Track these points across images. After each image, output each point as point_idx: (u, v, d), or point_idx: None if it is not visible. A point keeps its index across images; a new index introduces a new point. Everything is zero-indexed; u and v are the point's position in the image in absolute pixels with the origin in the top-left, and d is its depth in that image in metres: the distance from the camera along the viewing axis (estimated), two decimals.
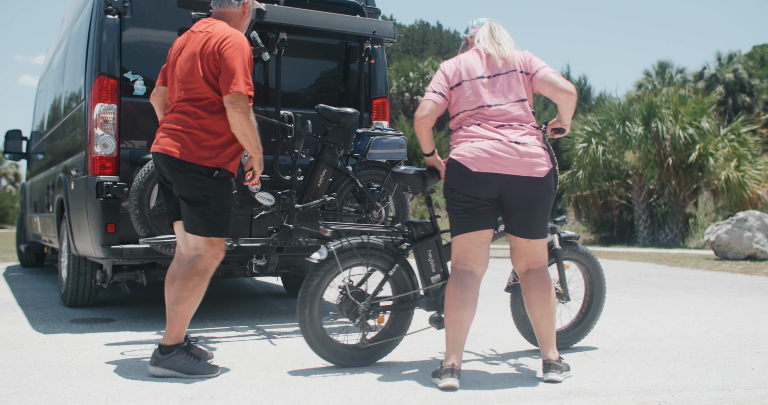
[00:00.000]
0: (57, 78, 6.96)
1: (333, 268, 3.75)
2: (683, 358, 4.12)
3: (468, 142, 3.59)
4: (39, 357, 4.05)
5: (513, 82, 3.66)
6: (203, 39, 3.65)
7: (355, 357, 3.85)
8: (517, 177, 3.52)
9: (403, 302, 3.95)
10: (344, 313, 3.82)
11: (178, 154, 3.58)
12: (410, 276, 3.97)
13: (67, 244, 5.79)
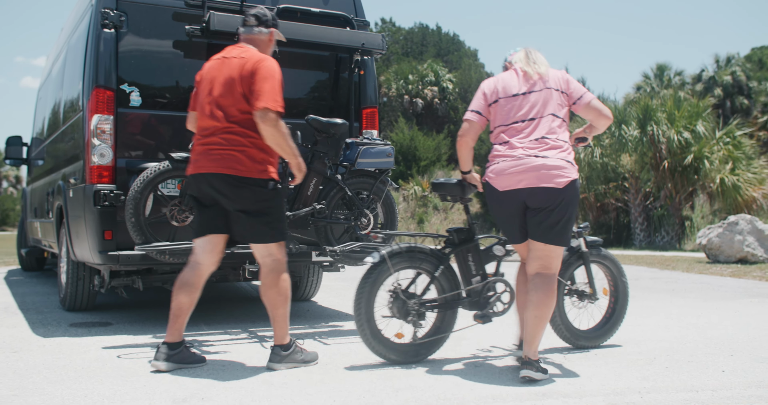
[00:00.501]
0: (56, 87, 7.13)
1: (385, 271, 4.08)
2: (658, 361, 4.28)
3: (495, 162, 3.94)
4: (39, 360, 4.21)
5: (548, 99, 3.94)
6: (240, 64, 3.95)
7: (407, 353, 4.15)
8: (537, 188, 3.80)
9: (447, 302, 4.26)
10: (395, 312, 4.14)
11: (237, 172, 3.88)
12: (453, 277, 4.29)
13: (66, 249, 5.95)
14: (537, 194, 3.82)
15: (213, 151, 3.93)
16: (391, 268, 4.08)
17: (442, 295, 4.25)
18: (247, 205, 3.93)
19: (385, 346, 4.07)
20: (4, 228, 55.90)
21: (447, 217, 30.74)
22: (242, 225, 3.98)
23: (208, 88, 4.02)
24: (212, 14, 5.05)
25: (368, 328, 4.02)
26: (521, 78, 4.00)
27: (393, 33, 51.81)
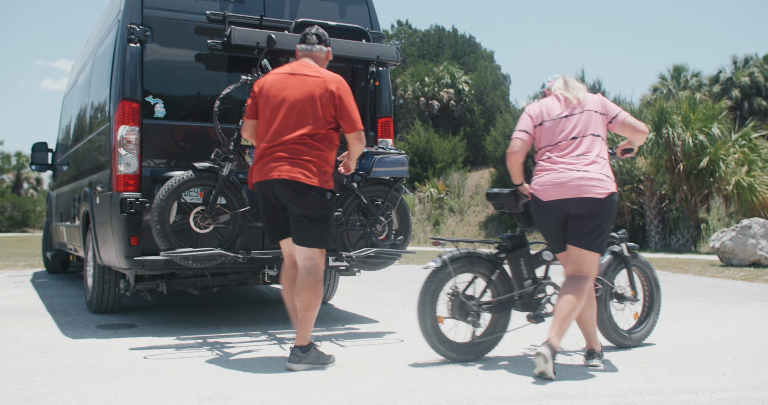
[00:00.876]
0: (82, 97, 7.38)
1: (447, 275, 4.37)
2: (662, 364, 4.44)
3: (539, 176, 4.33)
4: (70, 360, 4.44)
5: (588, 120, 4.34)
6: (320, 84, 4.34)
7: (466, 351, 4.46)
8: (579, 199, 4.19)
9: (502, 303, 4.56)
10: (455, 313, 4.44)
11: (305, 180, 4.23)
12: (507, 281, 4.61)
13: (92, 254, 6.19)
14: (579, 204, 4.20)
15: (283, 159, 4.25)
16: (453, 272, 4.39)
17: (496, 298, 4.55)
18: (309, 211, 4.28)
19: (446, 344, 4.37)
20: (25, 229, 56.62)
21: (462, 219, 30.87)
22: (300, 228, 4.33)
23: (279, 102, 4.32)
24: (233, 29, 5.26)
25: (431, 327, 4.32)
26: (562, 102, 4.42)
27: (409, 35, 51.98)
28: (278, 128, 4.29)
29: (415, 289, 8.43)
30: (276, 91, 4.36)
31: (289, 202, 4.29)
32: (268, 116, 4.34)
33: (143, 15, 5.40)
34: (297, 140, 4.26)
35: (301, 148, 4.26)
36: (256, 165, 4.36)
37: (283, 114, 4.30)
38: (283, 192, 4.27)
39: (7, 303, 7.16)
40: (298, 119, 4.28)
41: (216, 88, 5.54)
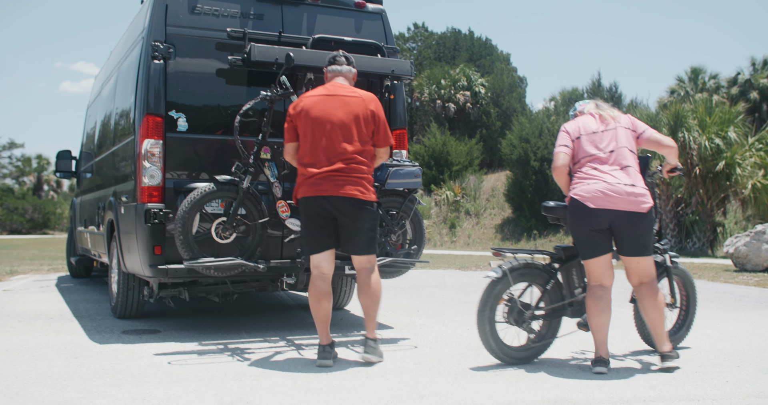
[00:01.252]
0: (107, 109, 7.62)
1: (506, 284, 4.69)
2: (667, 371, 4.58)
3: (586, 183, 4.59)
4: (98, 365, 4.66)
5: (622, 136, 4.71)
6: (361, 104, 4.77)
7: (520, 355, 4.79)
8: (625, 212, 4.50)
9: (554, 311, 4.87)
10: (512, 320, 4.74)
11: (361, 196, 4.68)
12: (560, 290, 4.91)
13: (117, 261, 6.42)
14: (626, 217, 4.53)
15: (339, 177, 4.65)
16: (512, 281, 4.70)
17: (550, 306, 4.85)
18: (365, 224, 4.73)
19: (503, 349, 4.71)
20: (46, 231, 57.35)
21: (479, 222, 30.97)
22: (359, 239, 4.77)
23: (325, 123, 4.68)
24: (253, 46, 5.47)
25: (490, 333, 4.65)
26: (597, 119, 4.80)
27: (425, 38, 52.13)
28: (328, 147, 4.67)
29: (430, 294, 8.65)
30: (318, 112, 4.70)
31: (345, 216, 4.70)
32: (314, 136, 4.69)
33: (167, 33, 5.62)
34: (348, 158, 4.66)
35: (353, 166, 4.68)
36: (308, 181, 4.67)
37: (331, 134, 4.67)
38: (340, 207, 4.68)
39: (35, 308, 7.40)
40: (345, 138, 4.68)
41: (236, 102, 5.76)
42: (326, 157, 4.67)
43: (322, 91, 4.82)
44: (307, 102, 4.78)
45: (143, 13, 6.15)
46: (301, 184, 4.74)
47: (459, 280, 11.02)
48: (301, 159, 4.76)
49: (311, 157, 4.69)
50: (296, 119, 4.78)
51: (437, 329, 6.21)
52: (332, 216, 4.73)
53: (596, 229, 4.58)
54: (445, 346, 5.40)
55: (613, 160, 4.62)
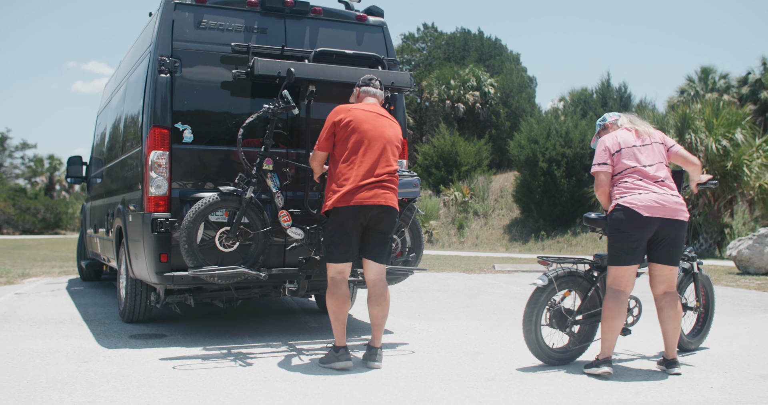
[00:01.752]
0: (116, 118, 7.83)
1: (551, 291, 5.02)
2: (655, 376, 4.74)
3: (636, 193, 4.86)
4: (106, 370, 4.84)
5: (657, 150, 5.02)
6: (393, 127, 5.21)
7: (562, 357, 5.13)
8: (672, 220, 4.84)
9: (594, 316, 5.19)
10: (555, 324, 5.08)
11: (395, 205, 5.07)
12: (599, 296, 5.20)
13: (125, 267, 6.61)
14: (671, 224, 4.85)
15: (386, 188, 5.01)
16: (557, 288, 5.03)
17: (588, 311, 5.17)
18: (392, 231, 5.13)
19: (546, 351, 5.05)
20: (57, 231, 57.86)
21: (487, 223, 31.08)
22: (384, 248, 5.11)
23: (377, 139, 5.03)
24: (256, 60, 5.64)
25: (535, 336, 4.99)
26: (634, 134, 5.07)
27: (435, 38, 52.24)
28: (377, 161, 5.00)
29: (432, 298, 8.82)
30: (371, 126, 5.04)
31: (382, 225, 5.03)
32: (368, 148, 4.99)
33: (173, 47, 5.80)
34: (391, 173, 5.07)
35: (393, 179, 5.09)
36: (353, 190, 4.90)
37: (382, 150, 5.03)
38: (380, 216, 5.00)
39: (46, 312, 7.61)
40: (391, 155, 5.09)
41: (240, 113, 5.94)
42: (374, 169, 4.97)
43: (368, 108, 5.15)
44: (358, 115, 5.05)
45: (151, 26, 6.34)
46: (344, 193, 4.91)
47: (462, 283, 11.17)
48: (345, 168, 4.97)
49: (360, 169, 4.95)
50: (341, 130, 5.03)
51: (435, 334, 6.37)
52: (364, 226, 5.01)
53: (644, 236, 4.86)
54: (441, 351, 5.56)
55: (654, 172, 4.91)
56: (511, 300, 8.99)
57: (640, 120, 5.20)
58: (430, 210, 31.84)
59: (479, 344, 5.87)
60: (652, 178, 4.88)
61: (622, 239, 4.86)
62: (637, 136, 5.04)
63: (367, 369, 4.95)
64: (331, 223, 5.04)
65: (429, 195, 35.18)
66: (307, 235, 5.56)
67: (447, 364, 5.11)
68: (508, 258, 19.24)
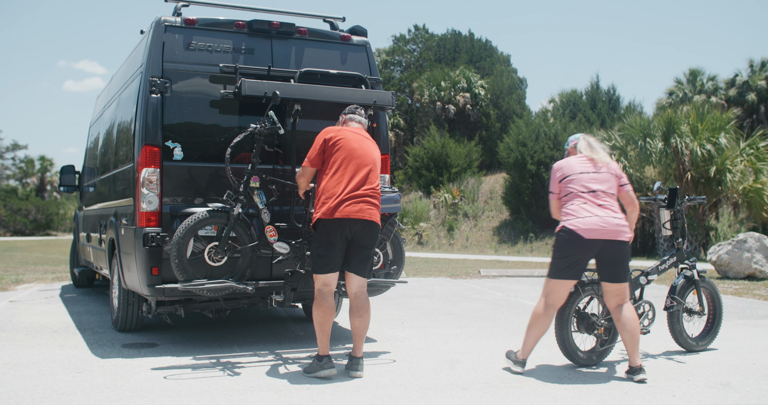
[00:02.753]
0: (108, 132, 8.05)
1: (578, 297, 5.58)
2: (622, 386, 5.00)
3: (579, 217, 5.28)
4: (100, 380, 5.07)
5: (608, 178, 5.44)
6: (375, 148, 5.55)
7: (591, 357, 5.65)
8: (613, 241, 5.25)
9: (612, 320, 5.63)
10: (582, 328, 5.64)
11: (377, 220, 5.36)
12: None
13: (117, 278, 6.84)
14: (612, 245, 5.26)
15: (363, 202, 5.28)
16: (582, 295, 5.58)
17: (608, 315, 5.66)
18: (374, 244, 5.40)
19: (576, 353, 5.57)
20: (49, 232, 57.85)
21: (477, 225, 31.35)
22: (367, 262, 5.38)
23: (364, 158, 5.36)
24: (243, 81, 5.88)
25: (567, 339, 5.53)
26: (588, 161, 5.48)
27: (426, 40, 52.48)
28: (363, 178, 5.32)
29: (417, 305, 9.07)
30: (358, 146, 5.38)
31: (365, 239, 5.31)
32: (356, 166, 5.32)
33: (163, 68, 6.03)
34: (374, 189, 5.38)
35: (377, 195, 5.41)
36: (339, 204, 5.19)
37: (368, 169, 5.36)
38: (364, 230, 5.28)
39: (41, 320, 7.83)
40: (374, 174, 5.41)
41: (228, 131, 6.17)
42: (359, 186, 5.28)
43: (355, 131, 5.50)
44: (347, 135, 5.39)
45: (143, 45, 6.55)
46: (332, 206, 5.20)
47: (448, 289, 11.43)
48: (332, 183, 5.26)
49: (347, 184, 5.25)
50: (330, 148, 5.34)
51: (417, 343, 6.62)
52: (348, 239, 5.27)
53: (584, 257, 5.30)
54: (421, 360, 5.81)
55: (598, 198, 5.34)
56: (494, 306, 9.25)
57: (598, 144, 5.58)
58: (420, 212, 32.11)
59: (458, 353, 6.12)
60: (597, 203, 5.31)
61: (563, 257, 5.32)
62: (591, 163, 5.46)
63: (350, 378, 5.19)
64: (317, 235, 5.31)
65: (419, 197, 35.46)
66: (292, 249, 5.80)
67: (426, 373, 5.36)
68: (495, 261, 19.51)
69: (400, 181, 40.65)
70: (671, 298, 6.12)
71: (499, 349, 6.22)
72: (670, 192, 6.38)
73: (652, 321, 6.02)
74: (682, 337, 6.17)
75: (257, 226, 5.99)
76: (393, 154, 47.10)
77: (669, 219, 6.44)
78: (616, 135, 21.25)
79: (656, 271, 6.13)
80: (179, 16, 6.21)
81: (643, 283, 6.03)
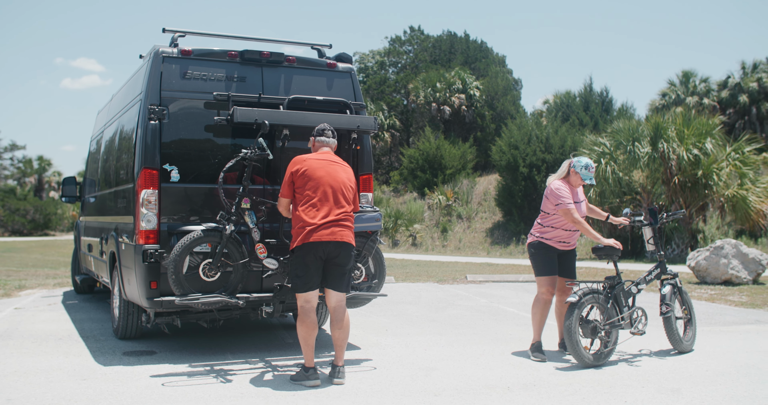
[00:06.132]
0: (108, 150, 8.53)
1: (582, 305, 6.38)
2: (580, 393, 5.45)
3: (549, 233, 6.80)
4: (103, 387, 5.54)
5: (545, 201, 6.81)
6: (349, 171, 5.98)
7: (597, 359, 6.37)
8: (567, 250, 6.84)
9: (614, 325, 6.52)
10: (587, 334, 6.39)
11: (351, 242, 5.81)
12: (615, 308, 6.60)
13: (118, 289, 7.31)
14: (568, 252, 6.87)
15: (337, 225, 5.72)
16: (585, 303, 6.40)
17: (610, 320, 6.51)
18: (349, 264, 5.83)
19: (586, 356, 6.32)
20: (47, 232, 58.23)
21: (470, 226, 31.82)
22: (343, 278, 5.82)
23: (332, 183, 5.78)
24: (235, 109, 6.34)
25: (576, 343, 6.26)
26: None
27: (421, 41, 52.91)
28: (333, 202, 5.75)
29: (402, 312, 9.54)
30: (324, 173, 5.78)
31: (340, 258, 5.74)
32: (323, 193, 5.73)
33: (161, 96, 6.50)
34: (347, 212, 5.80)
35: (349, 218, 5.82)
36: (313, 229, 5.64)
37: (337, 193, 5.77)
38: (338, 251, 5.72)
39: (46, 328, 8.30)
40: (345, 197, 5.82)
41: (222, 155, 6.64)
42: (330, 210, 5.71)
43: (322, 157, 5.89)
44: (312, 164, 5.80)
45: (142, 72, 7.00)
46: (306, 232, 5.65)
47: (434, 295, 11.91)
48: (304, 211, 5.71)
49: (318, 210, 5.70)
50: (299, 179, 5.76)
51: (398, 350, 7.09)
52: (324, 259, 5.71)
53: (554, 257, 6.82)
54: (400, 368, 6.28)
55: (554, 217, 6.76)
56: (476, 313, 9.73)
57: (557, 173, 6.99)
58: (414, 213, 32.59)
59: (435, 360, 6.59)
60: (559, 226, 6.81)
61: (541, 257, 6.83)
62: None
63: (332, 385, 5.66)
64: (294, 258, 5.78)
65: (414, 198, 35.94)
66: (281, 264, 6.28)
67: (402, 380, 5.83)
68: (485, 264, 19.98)
69: (396, 182, 41.15)
70: (665, 305, 6.87)
71: (473, 357, 6.68)
72: (650, 212, 7.13)
73: (646, 324, 6.84)
74: (676, 338, 6.89)
75: (248, 243, 6.45)
76: (389, 155, 47.57)
77: (651, 235, 7.13)
78: (605, 140, 21.71)
79: (644, 281, 6.97)
80: (176, 47, 6.67)
81: (634, 291, 6.84)
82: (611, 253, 6.79)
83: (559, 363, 6.53)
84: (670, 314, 6.84)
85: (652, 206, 7.37)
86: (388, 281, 13.70)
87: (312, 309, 5.74)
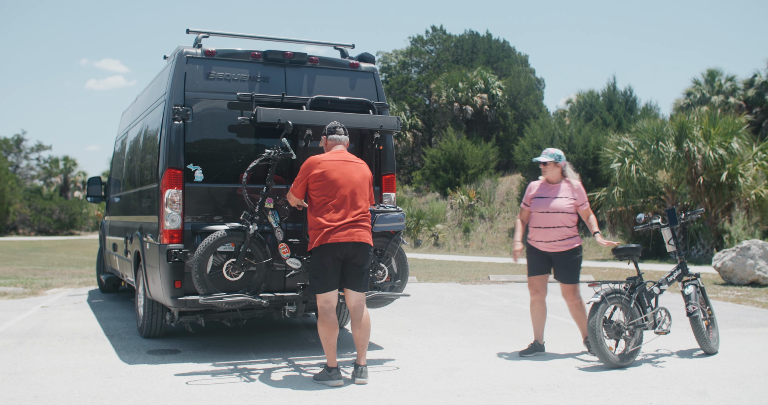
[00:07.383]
0: (133, 150, 8.61)
1: (605, 306, 6.36)
2: (604, 395, 5.40)
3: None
4: (128, 385, 5.59)
5: None
6: (365, 169, 5.98)
7: (623, 359, 6.34)
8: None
9: (638, 325, 6.51)
10: (611, 335, 6.41)
11: (370, 242, 5.85)
12: (638, 309, 6.60)
13: (143, 288, 7.37)
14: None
15: (355, 226, 5.75)
16: (608, 304, 6.38)
17: (633, 320, 6.48)
18: (368, 264, 5.86)
19: (611, 357, 6.28)
20: (72, 231, 58.92)
21: (492, 226, 31.72)
22: (361, 278, 5.83)
23: (347, 184, 5.77)
24: (258, 109, 6.37)
25: (601, 343, 6.23)
26: None
27: (443, 41, 52.83)
28: (350, 203, 5.76)
29: (425, 312, 9.54)
30: (339, 174, 5.78)
31: (358, 258, 5.76)
32: (340, 194, 5.74)
33: (185, 96, 6.54)
34: (364, 212, 5.83)
35: (366, 218, 5.85)
36: (330, 231, 5.66)
37: (352, 193, 5.78)
38: (356, 251, 5.74)
39: (72, 326, 8.39)
40: (361, 196, 5.84)
41: (245, 155, 6.67)
42: (347, 212, 5.73)
43: (337, 157, 5.87)
44: (327, 166, 5.80)
45: (167, 73, 7.05)
46: (323, 234, 5.67)
47: (456, 295, 11.88)
48: (321, 213, 5.72)
49: (334, 212, 5.71)
50: (314, 182, 5.77)
51: (421, 350, 7.08)
52: (342, 260, 5.73)
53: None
54: (423, 368, 6.27)
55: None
56: (498, 313, 9.69)
57: None
58: (437, 213, 32.54)
59: (458, 360, 6.57)
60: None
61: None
62: None
63: (355, 385, 5.67)
64: (312, 259, 5.82)
65: (436, 198, 35.89)
66: (304, 264, 6.29)
67: (425, 380, 5.82)
68: (508, 264, 19.90)
69: (418, 182, 41.11)
70: (692, 305, 6.85)
71: (495, 357, 6.66)
72: (669, 212, 7.09)
73: (670, 324, 6.82)
74: (704, 338, 6.83)
75: (272, 243, 6.47)
76: (411, 154, 47.54)
77: (671, 236, 7.09)
78: (629, 139, 21.53)
79: (666, 281, 6.98)
80: (200, 48, 6.72)
81: (657, 292, 6.84)
82: (631, 254, 6.84)
83: (582, 363, 6.49)
84: (697, 314, 6.81)
85: (670, 207, 7.39)
86: (410, 281, 13.71)
87: (332, 309, 5.75)
